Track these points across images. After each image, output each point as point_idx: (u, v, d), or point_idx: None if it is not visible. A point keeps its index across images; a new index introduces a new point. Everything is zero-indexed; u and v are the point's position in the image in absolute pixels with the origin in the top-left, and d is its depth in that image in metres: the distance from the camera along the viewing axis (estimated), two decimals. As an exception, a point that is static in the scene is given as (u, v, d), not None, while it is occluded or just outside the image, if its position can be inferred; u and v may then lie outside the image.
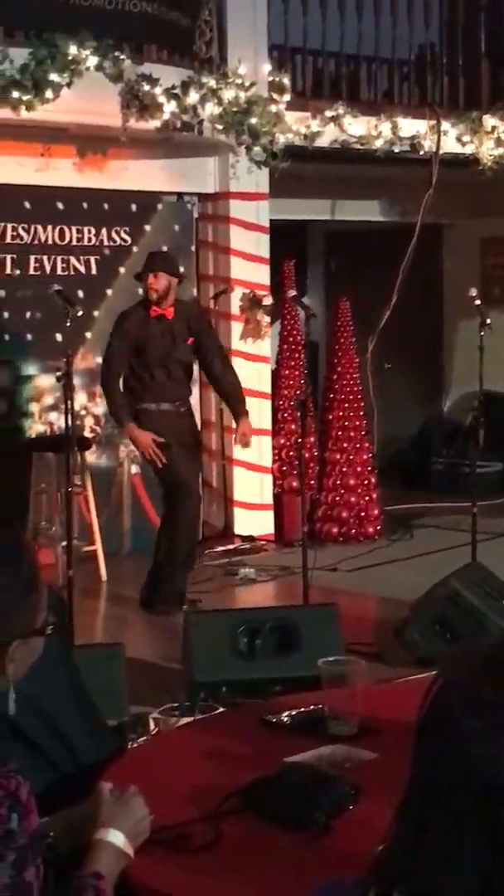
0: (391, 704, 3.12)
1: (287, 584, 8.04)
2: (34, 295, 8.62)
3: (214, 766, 2.81)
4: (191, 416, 7.75)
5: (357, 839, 2.28)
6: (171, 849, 2.35)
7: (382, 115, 9.87)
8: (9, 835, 2.00)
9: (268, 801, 2.51)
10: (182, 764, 2.86)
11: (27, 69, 7.76)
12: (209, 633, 5.17)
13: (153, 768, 2.82)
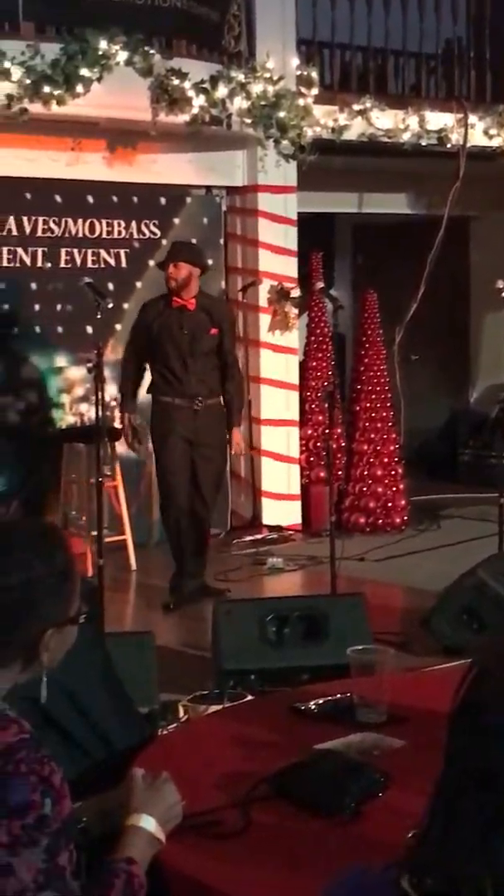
0: (418, 693, 3.13)
1: (314, 573, 8.03)
2: (65, 287, 8.64)
3: (244, 753, 2.82)
4: (212, 414, 7.38)
5: (386, 826, 2.28)
6: (202, 835, 2.36)
7: (410, 109, 9.85)
8: (42, 820, 2.01)
9: (297, 787, 2.51)
10: (212, 751, 2.87)
11: (58, 64, 7.78)
12: (238, 622, 5.17)
13: (184, 755, 2.82)
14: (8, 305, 8.62)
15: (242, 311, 9.55)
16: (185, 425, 7.19)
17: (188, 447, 7.21)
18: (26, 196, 8.63)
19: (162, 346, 7.21)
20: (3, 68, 7.64)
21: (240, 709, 3.68)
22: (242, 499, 9.65)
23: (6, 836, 1.98)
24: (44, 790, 2.02)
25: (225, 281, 9.64)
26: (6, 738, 2.04)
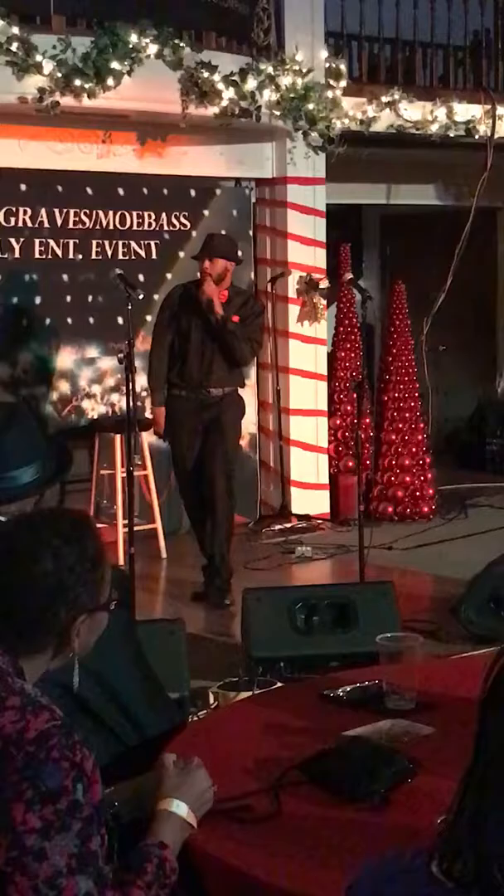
0: (447, 680, 3.12)
1: (343, 561, 8.04)
2: (96, 279, 8.65)
3: (274, 739, 2.82)
4: (224, 406, 7.21)
5: (416, 812, 2.28)
6: (233, 820, 2.36)
7: (438, 100, 9.81)
8: (74, 805, 2.02)
9: (327, 774, 2.51)
10: (242, 737, 2.87)
11: (89, 57, 7.78)
12: (267, 610, 5.17)
13: (214, 741, 2.83)
14: (40, 297, 8.64)
15: (271, 301, 9.54)
16: (194, 418, 7.13)
17: (197, 440, 7.13)
18: (58, 189, 8.64)
19: (182, 335, 7.13)
20: (34, 62, 7.65)
21: (269, 696, 3.69)
22: (271, 488, 9.66)
23: (39, 821, 1.99)
24: (76, 776, 2.03)
25: (254, 272, 9.63)
26: (39, 724, 2.04)
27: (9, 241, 8.47)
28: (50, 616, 2.22)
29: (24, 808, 1.99)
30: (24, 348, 8.61)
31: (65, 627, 2.24)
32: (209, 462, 7.13)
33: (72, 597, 2.23)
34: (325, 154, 9.30)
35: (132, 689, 2.93)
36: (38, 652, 2.23)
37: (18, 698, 2.09)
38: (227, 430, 7.23)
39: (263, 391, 9.69)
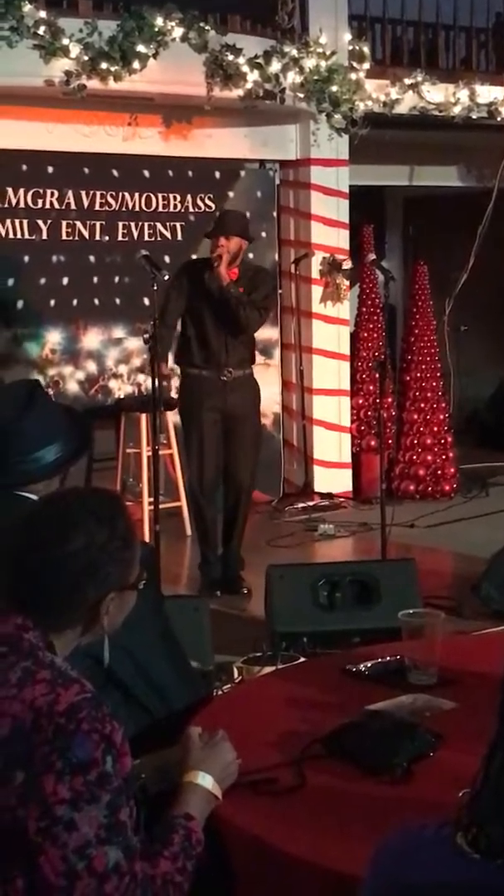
0: (468, 656, 3.12)
1: (365, 539, 8.04)
2: (122, 260, 8.65)
3: (297, 713, 2.82)
4: (242, 386, 7.02)
5: (438, 786, 2.28)
6: (258, 792, 2.37)
7: (460, 82, 9.76)
8: (104, 777, 2.02)
9: (350, 747, 2.51)
10: (266, 711, 2.87)
11: (115, 41, 7.77)
12: (290, 586, 5.17)
13: (239, 715, 2.83)
14: (67, 278, 8.65)
15: (295, 282, 9.53)
16: (214, 397, 6.90)
17: (219, 420, 6.93)
18: (84, 171, 8.64)
19: (196, 312, 6.92)
20: (61, 45, 7.65)
21: (292, 670, 3.69)
22: (294, 467, 9.66)
23: (69, 792, 2.00)
24: (105, 748, 2.04)
25: (278, 253, 9.62)
26: (69, 697, 2.05)
27: (36, 223, 8.48)
28: (80, 594, 2.22)
29: (55, 779, 2.00)
30: (51, 328, 8.63)
31: (94, 605, 2.25)
32: (239, 459, 6.99)
33: (102, 575, 2.24)
34: (348, 136, 9.26)
35: (160, 663, 2.94)
36: (68, 628, 2.24)
37: (49, 672, 2.10)
38: (252, 423, 7.11)
39: (287, 371, 9.69)
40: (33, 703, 2.05)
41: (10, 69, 7.60)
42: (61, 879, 1.99)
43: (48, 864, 2.00)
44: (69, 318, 8.70)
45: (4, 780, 2.01)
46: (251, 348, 7.13)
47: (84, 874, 1.99)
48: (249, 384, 7.08)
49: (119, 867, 2.01)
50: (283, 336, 9.67)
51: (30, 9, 7.55)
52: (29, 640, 2.16)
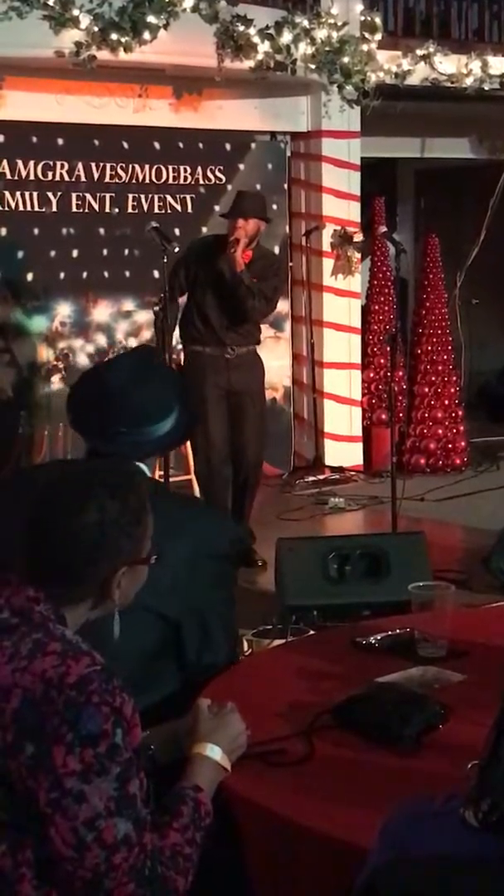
0: (478, 629, 3.12)
1: (375, 512, 8.04)
2: (132, 233, 8.63)
3: (307, 684, 2.82)
4: (246, 363, 7.01)
5: (446, 757, 2.28)
6: (267, 763, 2.37)
7: (472, 54, 9.71)
8: (114, 749, 2.03)
9: (359, 718, 2.52)
10: (276, 682, 2.88)
11: (125, 11, 7.75)
12: (300, 560, 5.18)
13: (248, 686, 2.83)
14: (77, 250, 8.64)
15: (305, 255, 9.52)
16: (218, 375, 6.89)
17: (224, 397, 6.93)
18: (94, 143, 8.62)
19: (202, 290, 6.89)
20: (71, 16, 7.63)
21: (302, 643, 3.70)
22: (305, 440, 9.66)
23: (79, 765, 2.00)
24: (115, 720, 2.05)
25: (288, 226, 9.60)
26: (79, 669, 2.06)
27: (46, 195, 8.47)
28: (92, 567, 2.23)
29: (65, 751, 2.00)
30: (62, 301, 8.63)
31: (106, 578, 2.25)
32: (246, 435, 7.00)
33: (114, 549, 2.25)
34: (359, 108, 9.23)
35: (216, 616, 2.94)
36: (80, 601, 2.25)
37: (59, 644, 2.10)
38: (257, 399, 7.13)
39: (297, 344, 9.68)
40: (44, 674, 2.05)
41: (19, 40, 7.57)
42: (71, 851, 2.01)
43: (58, 836, 2.01)
44: (79, 291, 8.69)
45: (15, 751, 2.02)
46: (256, 326, 7.12)
47: (93, 846, 2.00)
48: (254, 361, 7.08)
49: (128, 839, 2.02)
50: (294, 309, 9.65)
51: (39, -21, 7.53)
52: (40, 612, 2.16)
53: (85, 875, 2.02)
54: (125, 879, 2.02)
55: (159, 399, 2.98)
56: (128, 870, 2.02)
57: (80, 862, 2.01)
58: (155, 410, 2.95)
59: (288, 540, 5.47)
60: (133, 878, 2.02)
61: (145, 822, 2.07)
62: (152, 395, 2.97)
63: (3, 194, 8.33)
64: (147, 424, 2.94)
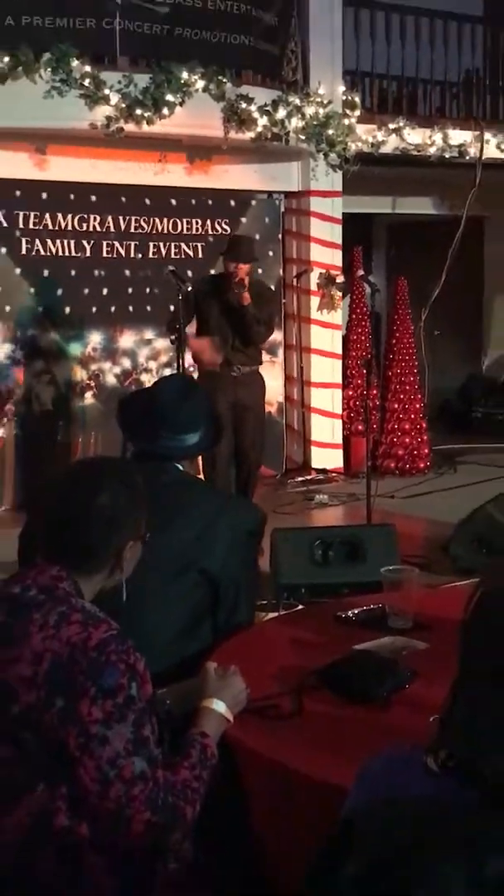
0: (439, 605, 3.10)
1: (353, 507, 8.03)
2: (152, 274, 8.64)
3: (296, 651, 2.82)
4: (249, 380, 7.01)
5: (412, 713, 2.28)
6: (263, 716, 2.37)
7: (435, 127, 9.73)
8: (130, 700, 2.04)
9: (339, 680, 2.51)
10: (270, 649, 2.87)
11: (148, 91, 7.77)
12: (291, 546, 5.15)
13: (248, 652, 2.83)
14: (107, 289, 8.64)
15: (296, 294, 9.52)
16: (226, 391, 6.86)
17: (230, 409, 6.89)
18: (121, 199, 8.62)
19: (211, 319, 6.89)
20: (103, 94, 7.64)
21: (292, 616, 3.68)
22: (295, 447, 9.66)
23: (101, 713, 2.00)
24: (130, 675, 2.05)
25: (282, 269, 9.60)
26: (99, 633, 2.06)
27: (81, 243, 8.47)
28: (106, 542, 2.24)
29: (89, 703, 2.00)
30: (93, 330, 8.64)
31: (117, 553, 2.26)
32: (247, 442, 7.00)
33: (123, 527, 2.26)
34: (341, 171, 9.23)
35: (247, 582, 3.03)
36: (96, 573, 2.25)
37: (80, 614, 2.10)
38: (258, 412, 7.15)
39: (289, 367, 9.68)
40: (69, 640, 2.05)
41: (60, 114, 7.59)
42: (97, 785, 2.01)
43: (86, 774, 2.01)
44: (108, 323, 8.69)
45: (48, 705, 2.02)
46: (258, 349, 7.13)
47: (115, 781, 2.00)
48: (256, 379, 7.09)
49: (144, 774, 2.02)
50: (286, 338, 9.66)
51: (77, 64, 7.53)
52: (63, 589, 2.16)
53: (109, 806, 2.01)
54: (142, 808, 2.02)
55: (195, 416, 3.08)
56: (144, 800, 2.02)
57: (104, 795, 2.01)
58: (191, 424, 3.05)
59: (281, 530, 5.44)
60: (149, 808, 2.02)
61: (157, 761, 2.07)
62: (190, 412, 3.07)
63: (46, 242, 8.33)
64: (184, 433, 3.03)
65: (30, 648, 2.06)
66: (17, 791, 2.05)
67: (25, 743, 2.04)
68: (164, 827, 2.04)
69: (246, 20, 8.56)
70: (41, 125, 7.68)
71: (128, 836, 2.03)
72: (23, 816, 2.05)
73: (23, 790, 2.05)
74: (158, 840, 2.05)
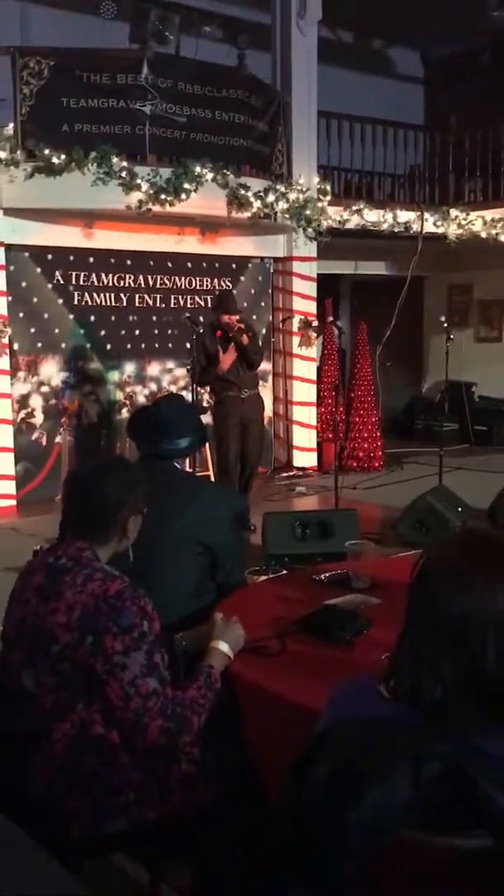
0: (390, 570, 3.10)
1: (325, 496, 8.03)
2: (173, 320, 8.64)
3: (282, 605, 2.82)
4: (254, 401, 6.88)
5: (369, 652, 2.28)
6: (256, 654, 2.37)
7: (387, 209, 9.73)
8: (142, 635, 2.05)
9: (314, 626, 2.51)
10: (262, 603, 2.87)
11: (171, 181, 7.75)
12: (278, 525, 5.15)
13: (245, 605, 2.82)
14: (138, 330, 8.63)
15: (282, 334, 9.52)
16: (237, 410, 6.85)
17: (238, 423, 6.88)
18: (150, 263, 8.62)
19: (215, 360, 6.78)
20: (135, 183, 7.63)
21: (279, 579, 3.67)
22: (281, 450, 9.66)
23: (121, 646, 2.01)
24: (142, 615, 2.05)
25: (272, 316, 9.60)
26: (115, 586, 2.07)
27: (120, 296, 8.47)
28: (116, 516, 2.24)
29: (112, 639, 2.01)
30: (128, 362, 8.63)
31: (123, 525, 2.26)
32: (251, 448, 6.97)
33: (128, 504, 2.26)
34: (316, 242, 9.23)
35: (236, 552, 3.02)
36: (109, 541, 2.25)
37: (100, 573, 2.12)
38: (260, 425, 7.11)
39: (277, 390, 9.68)
40: (93, 592, 2.06)
41: (103, 199, 7.59)
42: (120, 701, 2.01)
43: (112, 692, 2.01)
44: (139, 356, 8.68)
45: (80, 642, 2.03)
46: (256, 376, 7.13)
47: (134, 696, 2.01)
48: (258, 400, 7.09)
49: (157, 691, 2.03)
50: (274, 368, 9.66)
51: (116, 160, 7.53)
52: (87, 556, 2.17)
53: (130, 717, 2.02)
54: (156, 717, 2.02)
55: (188, 425, 3.06)
56: (158, 711, 2.02)
57: (126, 707, 2.01)
58: (184, 431, 3.02)
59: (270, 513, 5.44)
60: (161, 716, 2.03)
61: (167, 681, 2.07)
62: (184, 422, 3.05)
63: (93, 295, 8.33)
64: (178, 438, 3.00)
65: (64, 602, 2.06)
66: (63, 709, 2.06)
67: (65, 672, 2.04)
68: (174, 731, 2.05)
69: (244, 128, 8.56)
70: (89, 207, 7.67)
71: (145, 739, 2.03)
72: (68, 728, 2.06)
73: (67, 708, 2.05)
74: (170, 741, 2.05)
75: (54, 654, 2.05)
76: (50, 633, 2.06)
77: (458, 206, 10.24)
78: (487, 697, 1.44)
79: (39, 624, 2.08)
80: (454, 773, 1.36)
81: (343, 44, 11.86)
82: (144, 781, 2.08)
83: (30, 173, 7.33)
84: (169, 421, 3.02)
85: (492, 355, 11.57)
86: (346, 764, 1.40)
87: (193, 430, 3.08)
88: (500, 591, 1.46)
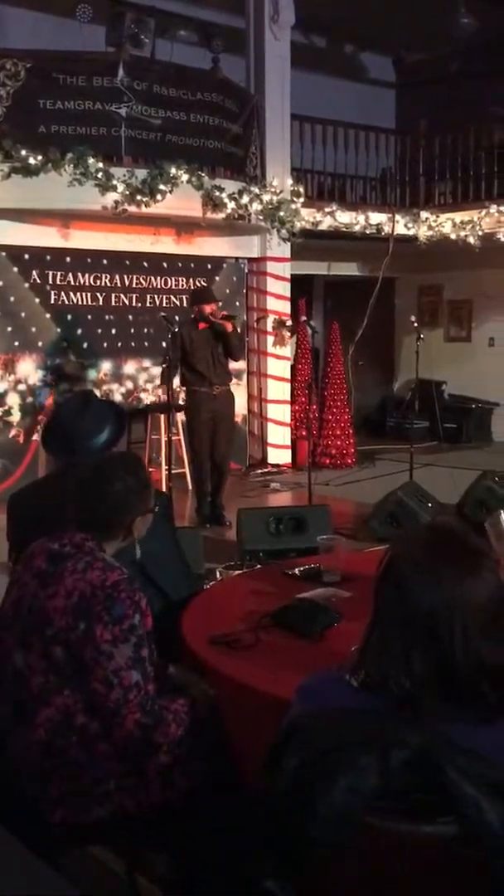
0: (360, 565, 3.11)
1: (299, 492, 8.04)
2: (149, 319, 8.61)
3: (256, 598, 2.83)
4: (225, 396, 6.76)
5: (339, 644, 2.30)
6: (231, 647, 2.38)
7: (359, 211, 9.76)
8: (133, 627, 2.05)
9: (287, 619, 2.53)
10: (236, 597, 2.88)
11: (146, 182, 7.72)
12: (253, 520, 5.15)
13: (220, 599, 2.83)
14: (114, 329, 8.60)
15: (256, 333, 9.52)
16: (208, 405, 6.76)
17: (210, 419, 6.80)
18: (126, 262, 8.58)
19: (193, 354, 6.73)
20: (112, 184, 7.60)
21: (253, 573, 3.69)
22: (256, 447, 9.65)
23: (110, 635, 2.01)
24: (135, 608, 2.05)
25: (246, 315, 9.59)
26: (113, 577, 2.08)
27: (96, 295, 8.43)
28: (119, 517, 2.24)
29: (102, 628, 2.02)
30: (105, 360, 8.59)
31: (129, 523, 2.26)
32: (222, 443, 6.87)
33: (132, 505, 2.25)
34: (290, 243, 9.24)
35: (173, 565, 2.92)
36: (113, 538, 2.25)
37: (101, 563, 2.12)
38: (230, 420, 7.02)
39: (252, 388, 9.67)
40: (91, 581, 2.06)
41: (80, 199, 7.54)
42: (103, 688, 2.02)
43: (95, 680, 2.02)
44: (115, 354, 8.65)
45: (73, 627, 2.04)
46: (228, 372, 7.02)
47: (117, 687, 2.01)
48: (229, 396, 7.00)
49: (139, 684, 2.03)
50: (249, 366, 9.66)
51: (92, 161, 7.49)
52: (89, 545, 2.17)
53: (110, 705, 2.02)
54: (134, 709, 2.02)
55: (98, 418, 2.87)
56: (137, 704, 2.02)
57: (107, 697, 2.01)
58: (96, 426, 2.85)
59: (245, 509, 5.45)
60: (139, 710, 2.03)
61: (150, 676, 2.07)
62: (91, 418, 2.86)
63: (69, 294, 8.28)
64: (93, 436, 2.83)
65: (64, 586, 2.07)
66: (50, 693, 2.06)
67: (55, 656, 2.04)
68: (151, 727, 2.05)
69: (218, 130, 8.55)
70: (65, 207, 7.62)
71: (121, 729, 2.03)
72: (52, 713, 2.05)
73: (53, 692, 2.05)
74: (145, 735, 2.06)
75: (48, 637, 2.05)
76: (47, 616, 2.06)
77: (429, 208, 10.29)
78: (454, 687, 1.45)
79: (37, 606, 2.08)
80: (422, 762, 1.37)
81: (316, 48, 11.87)
82: (123, 771, 2.08)
83: (6, 174, 7.28)
84: (73, 421, 2.82)
85: (461, 354, 11.65)
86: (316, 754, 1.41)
87: (110, 420, 2.86)
88: (466, 585, 1.47)
